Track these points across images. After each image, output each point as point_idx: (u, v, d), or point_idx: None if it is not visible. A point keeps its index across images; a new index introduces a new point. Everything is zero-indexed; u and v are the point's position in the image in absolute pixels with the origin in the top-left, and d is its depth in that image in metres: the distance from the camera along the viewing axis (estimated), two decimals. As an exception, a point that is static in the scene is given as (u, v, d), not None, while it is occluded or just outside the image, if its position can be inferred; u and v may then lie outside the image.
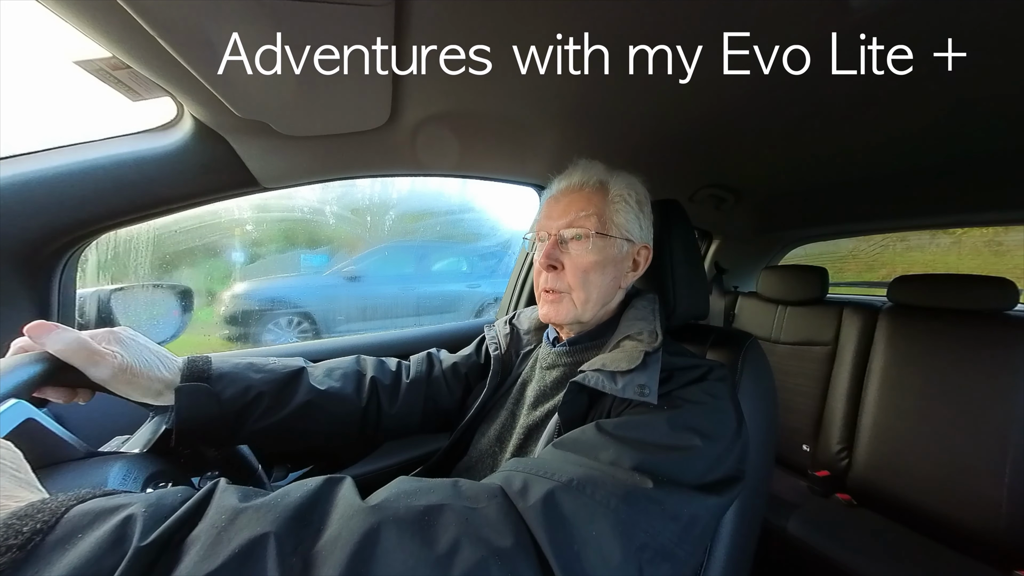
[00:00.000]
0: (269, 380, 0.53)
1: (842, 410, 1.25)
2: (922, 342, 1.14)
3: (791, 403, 1.38)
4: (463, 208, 2.51)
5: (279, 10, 0.40)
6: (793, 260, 1.90)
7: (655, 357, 0.46)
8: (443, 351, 0.75)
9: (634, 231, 0.56)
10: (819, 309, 1.40)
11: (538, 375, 0.61)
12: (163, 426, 0.48)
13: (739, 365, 0.60)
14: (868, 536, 1.02)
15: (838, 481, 1.21)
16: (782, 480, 1.30)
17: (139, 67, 0.50)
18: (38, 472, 0.31)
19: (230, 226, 1.49)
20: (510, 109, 0.70)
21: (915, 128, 0.79)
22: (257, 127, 0.61)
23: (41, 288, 0.60)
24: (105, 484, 0.38)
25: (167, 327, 0.75)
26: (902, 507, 1.08)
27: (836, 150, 0.92)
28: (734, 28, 0.48)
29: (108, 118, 0.60)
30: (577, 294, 0.54)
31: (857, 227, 1.63)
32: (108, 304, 0.69)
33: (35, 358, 0.38)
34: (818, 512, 1.11)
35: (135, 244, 0.82)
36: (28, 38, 0.52)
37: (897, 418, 1.13)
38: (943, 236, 1.90)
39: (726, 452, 0.41)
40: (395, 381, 0.64)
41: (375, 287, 2.44)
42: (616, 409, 0.46)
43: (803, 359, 1.39)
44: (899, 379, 1.16)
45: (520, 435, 0.56)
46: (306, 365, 0.58)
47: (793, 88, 0.61)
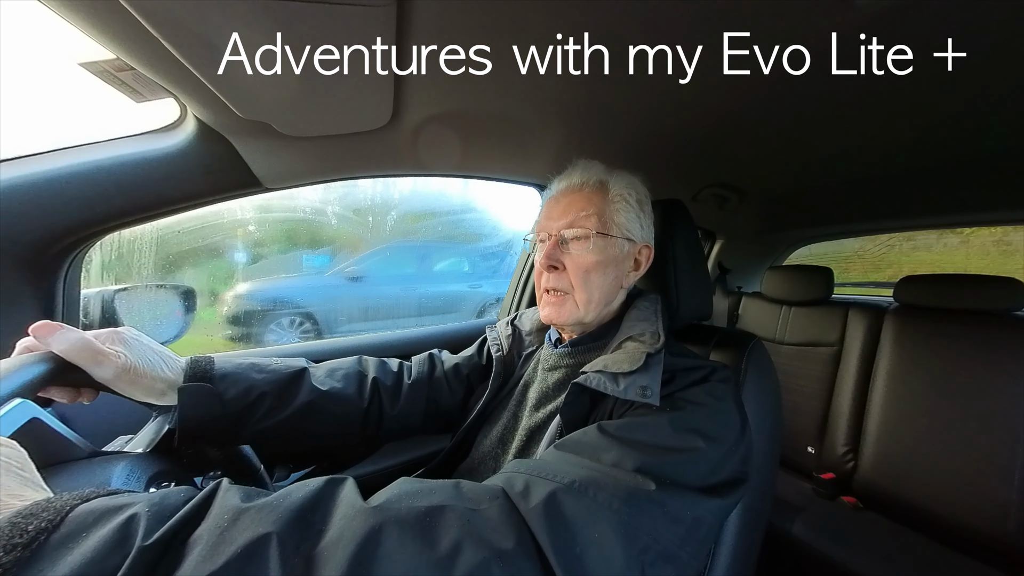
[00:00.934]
0: (271, 380, 0.53)
1: (848, 412, 1.24)
2: (929, 343, 1.13)
3: (796, 404, 1.37)
4: (465, 208, 2.51)
5: (280, 11, 0.40)
6: (798, 260, 1.88)
7: (657, 358, 0.46)
8: (445, 352, 0.74)
9: (635, 230, 0.56)
10: (824, 310, 1.39)
11: (540, 376, 0.61)
12: (166, 426, 0.48)
13: (743, 366, 0.60)
14: (874, 539, 1.01)
15: (844, 483, 1.20)
16: (787, 482, 1.29)
17: (142, 68, 0.50)
18: (43, 471, 0.31)
19: (232, 226, 1.49)
20: (511, 109, 0.70)
21: (922, 127, 0.78)
22: (259, 128, 0.61)
23: (46, 288, 0.61)
24: (109, 484, 0.38)
25: (170, 327, 0.76)
26: (909, 510, 1.06)
27: (841, 149, 0.91)
28: (734, 28, 0.48)
29: (113, 119, 0.61)
30: (579, 294, 0.54)
31: (863, 227, 1.61)
32: (112, 304, 0.69)
33: (40, 358, 0.39)
34: (823, 515, 1.10)
35: (139, 245, 0.82)
36: (34, 40, 0.53)
37: (904, 420, 1.12)
38: (950, 236, 1.88)
39: (729, 454, 0.41)
40: (397, 382, 0.64)
41: (377, 287, 2.45)
42: (618, 410, 0.45)
43: (808, 360, 1.38)
44: (906, 380, 1.14)
45: (522, 437, 0.56)
46: (308, 366, 0.58)
47: (796, 88, 0.61)
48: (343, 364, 0.62)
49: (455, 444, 0.64)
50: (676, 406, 0.42)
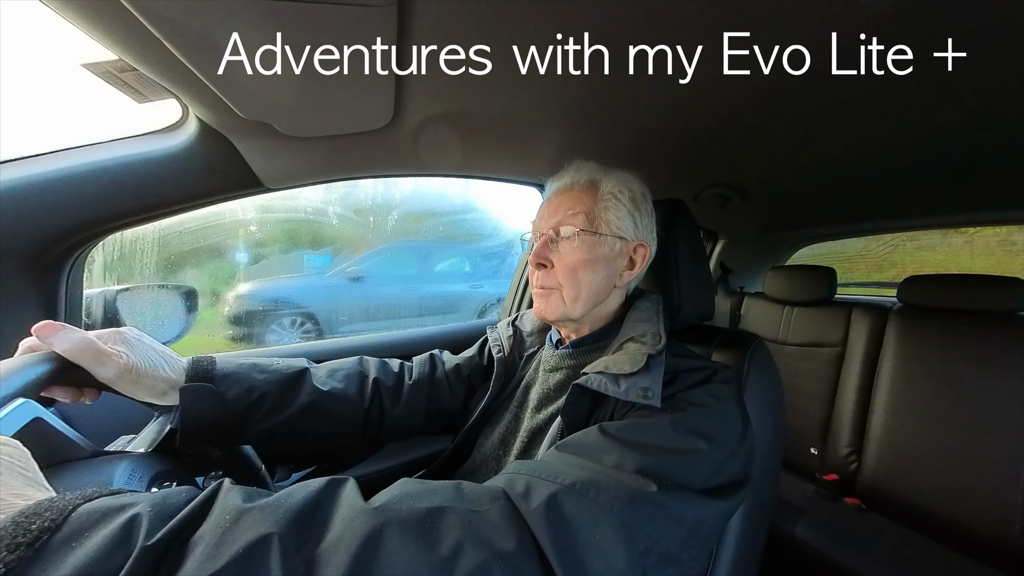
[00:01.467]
0: (272, 381, 0.53)
1: (851, 413, 1.23)
2: (933, 343, 1.12)
3: (799, 405, 1.36)
4: (466, 208, 2.51)
5: (281, 11, 0.40)
6: (800, 260, 1.87)
7: (659, 359, 0.46)
8: (446, 352, 0.74)
9: (627, 229, 0.55)
10: (827, 310, 1.38)
11: (541, 377, 0.61)
12: (168, 426, 0.48)
13: (745, 366, 0.60)
14: (878, 541, 1.00)
15: (847, 485, 1.19)
16: (789, 484, 1.28)
17: (144, 69, 0.50)
18: (45, 471, 0.32)
19: (234, 227, 1.50)
20: (512, 109, 0.70)
21: (925, 126, 0.77)
22: (260, 128, 0.61)
23: (49, 288, 0.61)
24: (111, 483, 0.38)
25: (172, 327, 0.76)
26: (913, 512, 1.05)
27: (844, 149, 0.90)
28: (734, 28, 0.48)
29: (114, 120, 0.61)
30: (566, 291, 0.54)
31: (866, 226, 1.60)
32: (114, 304, 0.70)
33: (43, 358, 0.39)
34: (826, 516, 1.09)
35: (141, 245, 0.83)
36: (37, 42, 0.53)
37: (908, 421, 1.11)
38: (955, 235, 1.86)
39: (731, 455, 0.40)
40: (398, 382, 0.64)
41: (378, 288, 2.45)
42: (619, 412, 0.45)
43: (811, 361, 1.37)
44: (910, 381, 1.13)
45: (524, 438, 0.56)
46: (309, 366, 0.58)
47: (797, 88, 0.60)
48: (344, 364, 0.62)
49: (456, 445, 0.64)
50: (678, 407, 0.42)
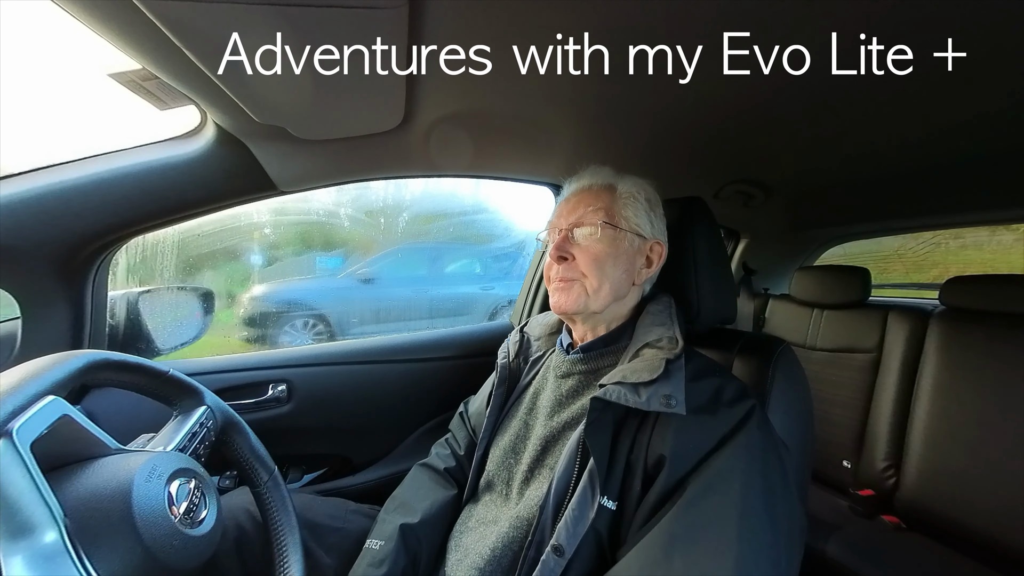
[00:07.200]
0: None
1: (888, 423, 1.15)
2: (979, 349, 1.04)
3: (829, 415, 1.29)
4: (476, 209, 2.50)
5: (295, 15, 0.41)
6: (830, 260, 1.78)
7: (678, 364, 0.44)
8: (470, 399, 0.77)
9: (644, 227, 0.56)
10: (861, 313, 1.30)
11: (552, 383, 0.59)
12: (185, 427, 0.49)
13: (770, 372, 0.56)
14: (918, 563, 0.93)
15: (884, 501, 1.11)
16: (820, 498, 1.21)
17: (165, 77, 0.52)
18: (72, 465, 0.32)
19: (249, 229, 1.55)
20: (524, 108, 0.69)
21: (971, 115, 0.71)
22: (275, 132, 0.62)
23: (77, 290, 0.64)
24: (133, 479, 0.39)
25: (190, 328, 0.78)
26: (956, 532, 0.97)
27: (877, 142, 0.85)
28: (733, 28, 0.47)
29: (137, 127, 0.63)
30: (590, 281, 0.54)
31: (903, 223, 1.51)
32: (136, 306, 0.72)
33: (71, 357, 0.40)
34: (861, 535, 1.02)
35: (161, 248, 0.86)
36: (67, 54, 0.55)
37: (951, 433, 1.03)
38: (1004, 232, 1.73)
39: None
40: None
41: (388, 289, 2.48)
42: (647, 422, 0.43)
43: (843, 367, 1.29)
44: (953, 390, 1.05)
45: (537, 446, 0.54)
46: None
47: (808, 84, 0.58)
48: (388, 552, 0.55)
49: (478, 462, 0.62)
50: (727, 479, 0.40)
